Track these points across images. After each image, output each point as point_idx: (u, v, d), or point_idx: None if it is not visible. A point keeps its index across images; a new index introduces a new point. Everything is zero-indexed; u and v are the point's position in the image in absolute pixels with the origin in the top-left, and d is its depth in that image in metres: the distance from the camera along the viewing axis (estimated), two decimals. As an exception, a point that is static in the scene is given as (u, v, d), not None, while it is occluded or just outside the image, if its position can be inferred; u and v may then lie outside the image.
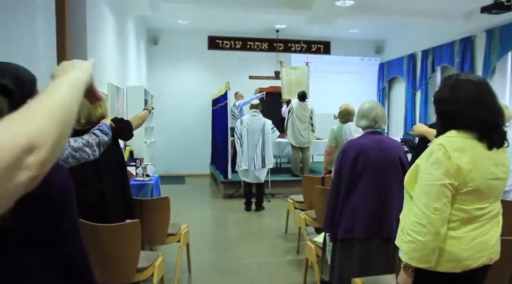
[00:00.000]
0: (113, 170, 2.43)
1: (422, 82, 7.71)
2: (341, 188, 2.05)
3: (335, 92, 9.41)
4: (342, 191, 2.04)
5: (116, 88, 4.74)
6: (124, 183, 2.50)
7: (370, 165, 2.03)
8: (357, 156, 2.04)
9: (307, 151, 6.73)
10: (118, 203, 2.43)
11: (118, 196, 2.44)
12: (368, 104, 2.22)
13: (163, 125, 8.81)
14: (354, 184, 2.03)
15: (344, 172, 2.05)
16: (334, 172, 2.14)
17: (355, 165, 2.03)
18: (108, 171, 2.41)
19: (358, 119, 2.24)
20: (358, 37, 9.23)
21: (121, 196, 2.46)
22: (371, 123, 2.16)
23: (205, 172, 8.78)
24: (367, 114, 2.17)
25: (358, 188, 2.02)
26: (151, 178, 3.66)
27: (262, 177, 5.29)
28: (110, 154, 2.44)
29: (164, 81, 8.89)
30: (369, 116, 2.17)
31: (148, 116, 2.90)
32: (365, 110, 2.20)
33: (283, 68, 7.03)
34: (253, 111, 5.32)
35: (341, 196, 2.03)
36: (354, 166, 2.03)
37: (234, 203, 5.86)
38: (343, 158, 2.09)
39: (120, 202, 2.44)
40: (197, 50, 8.96)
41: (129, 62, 5.91)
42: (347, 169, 2.04)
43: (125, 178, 2.54)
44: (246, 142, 5.22)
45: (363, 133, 2.26)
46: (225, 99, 6.33)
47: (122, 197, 2.47)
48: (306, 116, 6.60)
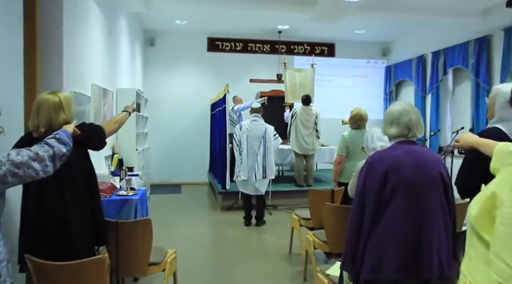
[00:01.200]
0: (79, 188, 1.99)
1: (432, 85, 7.26)
2: (365, 214, 1.58)
3: (339, 96, 8.98)
4: (367, 219, 1.57)
5: (103, 90, 4.30)
6: (94, 203, 2.05)
7: (403, 185, 1.57)
8: (387, 173, 1.58)
9: (312, 159, 6.27)
10: (86, 229, 1.97)
11: (86, 220, 1.98)
12: (399, 107, 1.74)
13: (159, 130, 8.38)
14: (382, 209, 1.57)
15: (369, 194, 1.59)
16: (356, 193, 1.68)
17: (383, 185, 1.57)
18: (73, 189, 1.96)
19: (386, 126, 1.76)
20: (363, 39, 8.81)
21: (90, 220, 2.00)
22: (404, 131, 1.69)
23: (203, 180, 8.33)
24: (398, 119, 1.70)
25: (387, 215, 1.56)
26: (136, 192, 3.21)
27: (262, 189, 4.82)
28: (76, 168, 1.99)
29: (161, 84, 8.47)
30: (401, 121, 1.68)
31: (127, 119, 2.45)
32: (395, 114, 1.72)
33: (287, 70, 6.60)
34: (254, 116, 4.87)
35: (365, 225, 1.57)
36: (383, 187, 1.57)
37: (232, 216, 5.39)
38: (368, 175, 1.63)
39: (89, 227, 1.98)
40: (196, 52, 8.55)
41: (120, 63, 5.49)
42: (374, 190, 1.58)
43: (96, 197, 2.09)
44: (246, 149, 4.75)
45: (389, 142, 1.81)
46: (224, 102, 5.89)
47: (92, 221, 2.01)
48: (310, 121, 6.15)
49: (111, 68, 4.89)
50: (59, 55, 2.89)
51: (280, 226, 4.89)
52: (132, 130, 5.17)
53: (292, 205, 5.86)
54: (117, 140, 5.16)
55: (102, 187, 3.14)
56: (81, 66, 3.54)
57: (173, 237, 4.55)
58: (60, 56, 2.89)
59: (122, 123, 2.37)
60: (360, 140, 3.81)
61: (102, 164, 4.10)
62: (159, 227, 5.25)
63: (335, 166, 3.84)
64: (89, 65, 3.85)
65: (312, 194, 3.39)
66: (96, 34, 4.08)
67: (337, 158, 3.83)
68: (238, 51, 8.69)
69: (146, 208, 3.42)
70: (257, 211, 4.90)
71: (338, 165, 3.82)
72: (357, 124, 3.83)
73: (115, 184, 3.47)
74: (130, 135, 5.17)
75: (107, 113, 4.52)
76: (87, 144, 2.04)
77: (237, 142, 4.85)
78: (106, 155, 4.25)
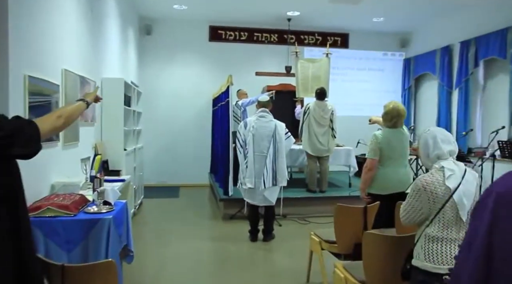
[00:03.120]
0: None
1: (461, 79, 6.46)
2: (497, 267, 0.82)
3: (353, 92, 8.21)
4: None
5: (81, 79, 3.56)
6: (17, 233, 1.29)
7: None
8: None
9: (326, 161, 5.51)
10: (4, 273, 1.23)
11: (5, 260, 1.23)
12: None
13: (155, 127, 7.65)
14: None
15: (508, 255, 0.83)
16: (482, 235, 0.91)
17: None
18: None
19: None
20: (380, 29, 8.01)
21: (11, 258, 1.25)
22: None
23: (204, 182, 7.59)
24: None
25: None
26: (112, 208, 2.47)
27: (273, 198, 4.04)
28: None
29: (158, 77, 7.73)
30: None
31: (81, 111, 1.71)
32: None
33: (298, 60, 5.83)
34: (261, 111, 4.10)
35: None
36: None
37: (236, 227, 4.65)
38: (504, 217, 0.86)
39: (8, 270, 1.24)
40: (196, 42, 7.80)
41: (106, 49, 4.74)
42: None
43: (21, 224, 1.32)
44: (252, 151, 3.99)
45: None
46: (227, 96, 5.14)
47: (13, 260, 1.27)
48: (325, 118, 5.39)
49: (93, 54, 4.15)
50: (2, 29, 2.15)
51: (293, 242, 4.14)
52: (119, 127, 4.43)
53: (304, 215, 5.12)
54: (101, 138, 4.43)
55: (65, 202, 2.41)
56: (44, 46, 2.80)
57: (164, 254, 3.82)
58: (3, 30, 2.15)
59: (71, 117, 1.61)
60: (397, 141, 3.06)
61: (77, 169, 3.37)
62: (149, 240, 4.42)
63: (365, 173, 3.09)
64: (59, 47, 3.11)
65: (339, 211, 2.64)
66: (68, 10, 3.33)
67: (368, 163, 3.07)
68: (243, 41, 7.93)
69: (126, 229, 2.68)
70: (265, 224, 4.14)
71: (369, 172, 3.06)
72: (393, 122, 3.07)
73: (88, 197, 2.73)
74: (117, 133, 4.43)
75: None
76: (9, 149, 1.28)
77: (241, 142, 4.08)
78: (84, 157, 3.51)
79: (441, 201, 1.64)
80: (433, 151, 1.75)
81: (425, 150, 1.79)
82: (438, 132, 1.78)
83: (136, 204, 5.43)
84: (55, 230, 2.27)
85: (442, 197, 1.65)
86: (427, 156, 1.79)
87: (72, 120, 1.74)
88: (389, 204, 2.92)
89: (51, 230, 2.27)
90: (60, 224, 2.28)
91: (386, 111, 3.10)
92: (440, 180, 1.66)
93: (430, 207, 1.67)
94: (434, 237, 1.66)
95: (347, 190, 5.74)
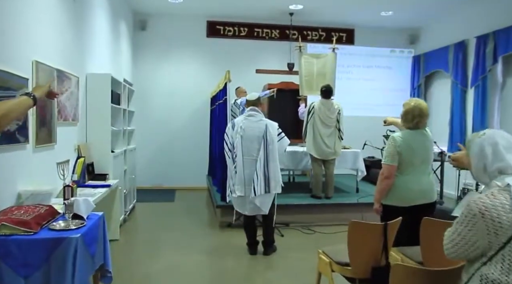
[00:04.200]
0: None
1: (477, 77, 6.04)
2: None
3: (359, 91, 7.80)
4: None
5: (58, 73, 3.16)
6: None
7: None
8: None
9: (332, 165, 5.09)
10: None
11: None
12: None
13: (150, 127, 7.26)
14: None
15: None
16: None
17: None
18: None
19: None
20: (388, 25, 7.60)
21: None
22: None
23: (202, 185, 7.19)
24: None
25: None
26: (82, 224, 2.06)
27: (265, 207, 3.58)
28: None
29: (153, 74, 7.33)
30: None
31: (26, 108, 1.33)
32: None
33: (302, 55, 5.41)
34: (250, 110, 3.66)
35: None
36: None
37: (234, 236, 4.25)
38: None
39: None
40: (193, 37, 7.40)
41: (93, 43, 4.35)
42: None
43: None
44: (241, 155, 3.55)
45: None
46: (224, 94, 4.74)
47: None
48: (331, 118, 4.97)
49: (76, 47, 3.75)
50: None
51: (296, 255, 3.72)
52: (105, 127, 4.03)
53: (308, 223, 4.70)
54: (86, 140, 4.03)
55: (26, 216, 2.00)
56: (11, 35, 2.40)
57: (154, 268, 3.41)
58: None
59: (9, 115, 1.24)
60: (419, 145, 2.64)
61: (52, 175, 2.96)
62: (137, 252, 3.87)
63: (381, 181, 2.67)
64: (31, 37, 2.71)
65: (354, 229, 2.22)
66: None
67: (385, 170, 2.65)
68: (243, 37, 7.53)
69: (102, 247, 2.27)
70: (265, 236, 3.72)
71: (386, 180, 2.65)
72: (415, 122, 2.65)
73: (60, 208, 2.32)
74: (103, 133, 4.03)
75: (65, 104, 3.37)
76: None
77: (229, 145, 3.64)
78: (61, 161, 3.10)
79: (507, 233, 1.20)
80: (493, 163, 1.30)
81: (480, 161, 1.34)
82: (499, 137, 1.33)
83: (127, 210, 5.03)
84: (10, 251, 1.87)
85: (508, 227, 1.20)
86: (483, 169, 1.34)
87: (10, 118, 1.35)
88: (410, 218, 2.51)
89: (5, 251, 1.87)
90: (16, 244, 1.88)
91: (406, 109, 2.67)
92: (506, 204, 1.21)
93: (489, 240, 1.22)
94: (494, 281, 1.21)
95: (354, 196, 5.32)
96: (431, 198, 2.70)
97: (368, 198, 5.15)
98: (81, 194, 3.13)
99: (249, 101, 3.70)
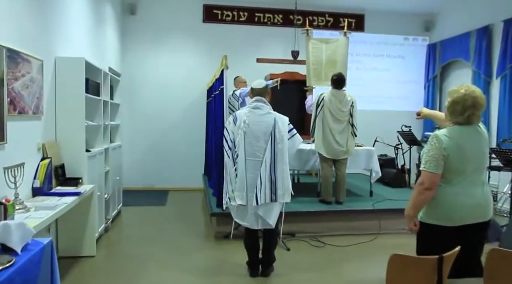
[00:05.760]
0: None
1: (504, 66, 5.39)
2: None
3: (369, 82, 7.15)
4: None
5: (9, 52, 2.51)
6: None
7: None
8: None
9: (344, 165, 4.46)
10: None
11: None
12: None
13: (140, 121, 6.63)
14: None
15: None
16: None
17: None
18: None
19: None
20: (400, 9, 6.94)
21: None
22: None
23: (198, 185, 6.57)
24: None
25: None
26: (9, 262, 1.42)
27: (271, 218, 2.95)
28: None
29: (143, 63, 6.68)
30: None
31: None
32: None
33: (310, 40, 4.75)
34: (256, 100, 3.03)
35: None
36: None
37: (231, 252, 3.63)
38: None
39: None
40: (188, 22, 6.73)
41: (65, 24, 3.69)
42: None
43: None
44: (243, 155, 2.93)
45: None
46: (221, 83, 4.09)
47: None
48: (344, 112, 4.33)
49: (38, 24, 3.09)
50: None
51: (306, 276, 3.11)
52: (78, 122, 3.39)
53: (317, 233, 4.10)
54: (56, 137, 3.39)
55: None
56: None
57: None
58: None
59: None
60: (472, 146, 2.01)
61: None
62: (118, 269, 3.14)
63: (420, 193, 2.04)
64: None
65: (396, 264, 1.59)
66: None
67: (425, 179, 2.02)
68: (242, 22, 6.86)
69: None
70: (264, 252, 3.09)
71: (427, 192, 2.02)
72: (467, 115, 2.01)
73: None
74: (76, 129, 3.39)
75: (21, 93, 2.72)
76: None
77: (229, 143, 3.01)
78: (12, 165, 2.46)
79: None
80: None
81: None
82: None
83: (110, 217, 4.41)
84: None
85: None
86: None
87: None
88: (457, 240, 1.90)
89: None
90: None
91: (454, 99, 2.03)
92: None
93: None
94: None
95: (368, 200, 4.70)
96: (486, 215, 2.08)
97: (386, 203, 4.54)
98: (39, 207, 2.52)
99: (255, 90, 3.06)
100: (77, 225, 3.34)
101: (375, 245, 3.92)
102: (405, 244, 3.91)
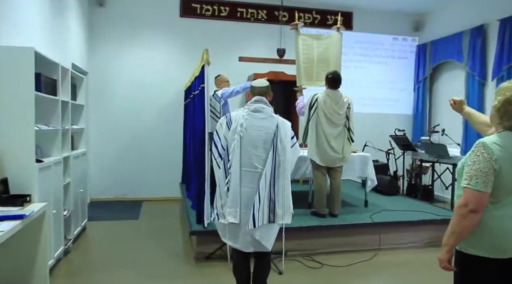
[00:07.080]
0: None
1: (501, 67, 5.14)
2: None
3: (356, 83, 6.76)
4: None
5: None
6: None
7: None
8: None
9: (339, 173, 4.02)
10: None
11: None
12: None
13: (110, 125, 6.00)
14: None
15: None
16: None
17: None
18: None
19: None
20: (390, 8, 6.65)
21: None
22: None
23: (176, 195, 6.00)
24: None
25: None
26: None
27: (268, 242, 2.45)
28: None
29: (114, 60, 6.04)
30: None
31: None
32: None
33: (299, 35, 4.29)
34: (256, 101, 2.53)
35: None
36: None
37: (214, 276, 3.10)
38: None
39: None
40: (164, 16, 6.17)
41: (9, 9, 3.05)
42: None
43: None
44: (238, 164, 2.41)
45: None
46: (202, 81, 3.56)
47: None
48: (340, 114, 3.90)
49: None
50: None
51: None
52: (26, 127, 2.77)
53: (310, 251, 3.64)
54: None
55: None
56: None
57: None
58: None
59: None
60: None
61: None
62: None
63: (464, 216, 1.58)
64: None
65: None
66: None
67: (471, 199, 1.56)
68: (224, 17, 6.35)
69: None
70: (255, 279, 2.57)
71: (473, 215, 1.56)
72: (524, 117, 1.58)
73: None
74: (23, 136, 2.77)
75: None
76: None
77: (220, 150, 2.48)
78: None
79: None
80: None
81: None
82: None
83: (71, 237, 3.78)
84: None
85: None
86: None
87: None
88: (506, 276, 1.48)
89: None
90: None
91: (508, 98, 1.59)
92: None
93: None
94: None
95: (364, 211, 4.29)
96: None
97: (384, 215, 4.13)
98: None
99: (256, 88, 2.54)
100: (24, 254, 2.71)
101: (377, 263, 3.49)
102: (408, 261, 3.51)
